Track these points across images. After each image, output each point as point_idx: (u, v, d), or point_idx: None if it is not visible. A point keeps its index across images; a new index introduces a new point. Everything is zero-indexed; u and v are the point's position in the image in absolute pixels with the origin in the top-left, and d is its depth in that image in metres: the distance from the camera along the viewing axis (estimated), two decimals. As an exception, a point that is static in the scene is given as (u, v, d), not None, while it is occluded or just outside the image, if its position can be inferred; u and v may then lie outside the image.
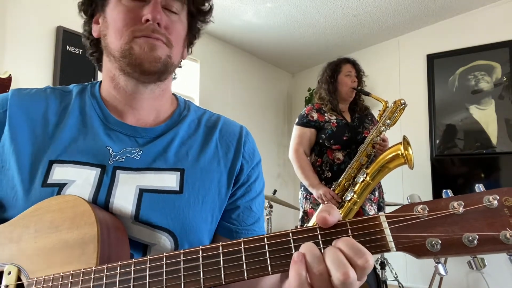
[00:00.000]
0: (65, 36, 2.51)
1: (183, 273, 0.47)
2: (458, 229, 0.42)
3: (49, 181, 0.60)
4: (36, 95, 0.69)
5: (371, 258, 0.41)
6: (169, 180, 0.65)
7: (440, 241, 0.42)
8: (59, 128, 0.66)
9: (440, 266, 0.43)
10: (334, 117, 2.22)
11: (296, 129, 2.28)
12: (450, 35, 3.34)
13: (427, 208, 0.43)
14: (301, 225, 2.21)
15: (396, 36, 3.68)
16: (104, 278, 0.50)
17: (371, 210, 2.12)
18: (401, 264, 3.22)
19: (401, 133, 2.13)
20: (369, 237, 0.44)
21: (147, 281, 0.48)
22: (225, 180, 0.70)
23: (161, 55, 0.65)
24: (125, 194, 0.61)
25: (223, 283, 0.46)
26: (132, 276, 0.49)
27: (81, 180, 0.61)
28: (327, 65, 2.39)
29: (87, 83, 0.76)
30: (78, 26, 0.75)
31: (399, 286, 2.82)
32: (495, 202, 0.42)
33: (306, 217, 2.21)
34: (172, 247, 0.62)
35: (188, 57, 0.80)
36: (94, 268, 0.51)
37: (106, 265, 0.50)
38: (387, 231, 0.44)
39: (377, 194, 2.20)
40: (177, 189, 0.64)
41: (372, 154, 2.09)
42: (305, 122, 2.24)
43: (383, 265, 2.66)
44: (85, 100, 0.71)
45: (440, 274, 0.43)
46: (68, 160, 0.63)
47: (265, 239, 0.46)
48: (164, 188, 0.64)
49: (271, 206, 2.81)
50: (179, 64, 0.74)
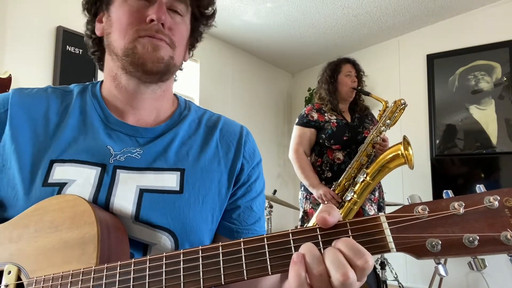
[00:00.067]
0: (65, 36, 2.51)
1: (182, 273, 0.47)
2: (459, 229, 0.42)
3: (50, 180, 0.60)
4: (37, 94, 0.69)
5: (371, 259, 0.41)
6: (170, 180, 0.65)
7: (440, 242, 0.42)
8: (60, 127, 0.66)
9: (440, 267, 0.43)
10: (334, 117, 2.22)
11: (296, 129, 2.28)
12: (450, 35, 3.34)
13: (427, 208, 0.43)
14: (301, 225, 2.21)
15: (396, 36, 3.68)
16: (104, 278, 0.50)
17: (371, 210, 2.12)
18: (401, 264, 3.22)
19: (401, 133, 2.13)
20: (369, 238, 0.44)
21: (146, 281, 0.48)
22: (225, 180, 0.70)
23: (164, 55, 0.65)
24: (126, 194, 0.61)
25: (222, 283, 0.46)
26: (131, 276, 0.49)
27: (81, 179, 0.61)
28: (327, 65, 2.39)
29: (88, 83, 0.76)
30: (78, 26, 0.76)
31: (399, 286, 2.82)
32: (496, 203, 0.42)
33: (306, 217, 2.21)
34: (172, 247, 0.62)
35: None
36: (94, 267, 0.51)
37: (106, 265, 0.50)
38: (387, 232, 0.43)
39: (377, 194, 2.20)
40: (178, 189, 0.64)
41: (372, 154, 2.09)
42: (305, 122, 2.24)
43: (383, 265, 2.66)
44: (86, 100, 0.71)
45: (440, 275, 0.43)
46: (68, 160, 0.63)
47: (265, 239, 0.46)
48: (165, 188, 0.64)
49: (271, 206, 2.81)
50: (180, 66, 0.75)
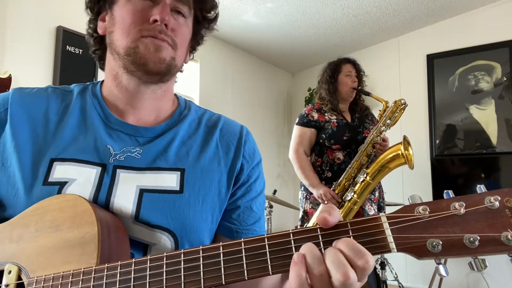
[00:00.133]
0: (65, 36, 2.50)
1: (183, 273, 0.47)
2: (459, 230, 0.42)
3: (50, 179, 0.60)
4: (37, 94, 0.69)
5: (372, 259, 0.41)
6: (170, 180, 0.65)
7: (441, 242, 0.42)
8: (60, 127, 0.66)
9: (441, 267, 0.43)
10: (335, 117, 2.22)
11: (297, 129, 2.28)
12: (450, 35, 3.34)
13: (428, 209, 0.43)
14: (301, 225, 2.21)
15: (396, 36, 3.68)
16: (105, 277, 0.50)
17: (371, 210, 2.12)
18: (401, 264, 3.22)
19: (401, 133, 2.13)
20: (370, 238, 0.44)
21: (147, 280, 0.48)
22: (225, 180, 0.70)
23: (166, 56, 0.66)
24: (126, 194, 0.61)
25: (223, 283, 0.46)
26: (132, 276, 0.49)
27: (82, 178, 0.61)
28: (327, 65, 2.39)
29: (88, 83, 0.76)
30: (78, 26, 0.76)
31: (399, 286, 2.82)
32: (496, 203, 0.42)
33: (306, 217, 2.21)
34: (172, 247, 0.62)
35: (188, 58, 0.80)
36: (94, 267, 0.51)
37: (106, 265, 0.50)
38: (388, 232, 0.43)
39: (377, 194, 2.20)
40: (178, 189, 0.64)
41: (373, 154, 2.09)
42: (306, 122, 2.24)
43: (383, 265, 2.66)
44: (86, 100, 0.71)
45: (441, 275, 0.43)
46: (68, 158, 0.63)
47: (265, 239, 0.46)
48: (165, 188, 0.64)
49: (271, 206, 2.81)
50: (181, 68, 0.75)
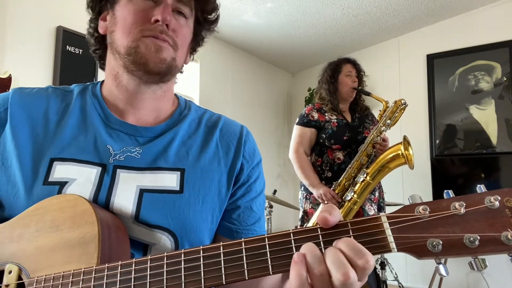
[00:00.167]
0: (65, 36, 2.50)
1: (183, 273, 0.47)
2: (459, 229, 0.42)
3: (50, 179, 0.60)
4: (37, 94, 0.69)
5: (372, 259, 0.41)
6: (170, 180, 0.65)
7: (441, 242, 0.42)
8: (60, 126, 0.66)
9: (441, 267, 0.43)
10: (335, 117, 2.22)
11: (297, 129, 2.28)
12: (450, 35, 3.34)
13: (428, 208, 0.43)
14: (301, 225, 2.21)
15: (396, 36, 3.68)
16: (105, 277, 0.50)
17: (371, 210, 2.12)
18: (401, 264, 3.22)
19: (401, 133, 2.13)
20: (370, 238, 0.44)
21: (147, 280, 0.48)
22: (225, 180, 0.70)
23: (166, 56, 0.66)
24: (126, 194, 0.61)
25: (224, 283, 0.46)
26: (132, 275, 0.49)
27: (82, 178, 0.61)
28: (328, 65, 2.39)
29: (88, 83, 0.76)
30: (78, 26, 0.76)
31: (399, 286, 2.82)
32: (497, 203, 0.42)
33: (306, 217, 2.21)
34: (172, 247, 0.62)
35: (188, 57, 0.80)
36: (94, 267, 0.51)
37: (106, 265, 0.50)
38: (388, 232, 0.43)
39: (377, 194, 2.20)
40: (178, 189, 0.64)
41: (373, 154, 2.09)
42: (306, 121, 2.24)
43: (383, 265, 2.66)
44: (86, 99, 0.71)
45: (441, 275, 0.43)
46: (68, 158, 0.63)
47: (266, 239, 0.46)
48: (165, 188, 0.64)
49: (271, 206, 2.81)
50: (181, 69, 0.75)
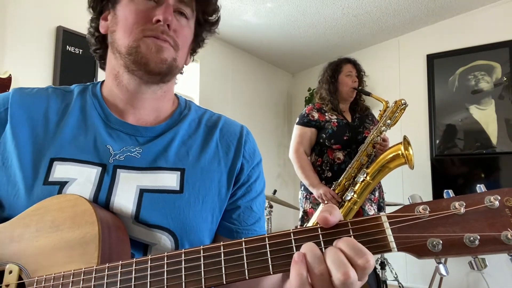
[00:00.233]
0: (65, 36, 2.50)
1: (184, 272, 0.47)
2: (459, 229, 0.42)
3: (51, 179, 0.60)
4: (37, 94, 0.70)
5: (372, 258, 0.41)
6: (170, 180, 0.65)
7: (441, 242, 0.42)
8: (60, 126, 0.66)
9: (441, 267, 0.43)
10: (335, 116, 2.22)
11: (297, 129, 2.28)
12: (450, 35, 3.34)
13: (428, 208, 0.43)
14: (301, 225, 2.21)
15: (396, 36, 3.68)
16: (105, 277, 0.50)
17: (371, 210, 2.12)
18: (401, 264, 3.22)
19: (401, 133, 2.13)
20: (370, 237, 0.44)
21: (148, 280, 0.48)
22: (225, 180, 0.70)
23: (167, 57, 0.66)
24: (126, 194, 0.61)
25: (224, 283, 0.46)
26: (133, 275, 0.49)
27: (82, 178, 0.61)
28: (328, 65, 2.39)
29: (88, 83, 0.76)
30: (78, 26, 0.76)
31: (399, 286, 2.82)
32: (496, 203, 0.42)
33: (306, 217, 2.21)
34: (172, 247, 0.62)
35: (188, 57, 0.80)
36: (95, 267, 0.51)
37: (107, 265, 0.50)
38: (388, 231, 0.44)
39: (377, 194, 2.20)
40: (178, 189, 0.64)
41: (373, 154, 2.09)
42: (306, 121, 2.24)
43: (383, 265, 2.66)
44: (86, 99, 0.71)
45: (441, 274, 0.43)
46: (69, 158, 0.63)
47: (266, 239, 0.46)
48: (165, 188, 0.64)
49: (271, 206, 2.82)
50: (182, 69, 0.75)
